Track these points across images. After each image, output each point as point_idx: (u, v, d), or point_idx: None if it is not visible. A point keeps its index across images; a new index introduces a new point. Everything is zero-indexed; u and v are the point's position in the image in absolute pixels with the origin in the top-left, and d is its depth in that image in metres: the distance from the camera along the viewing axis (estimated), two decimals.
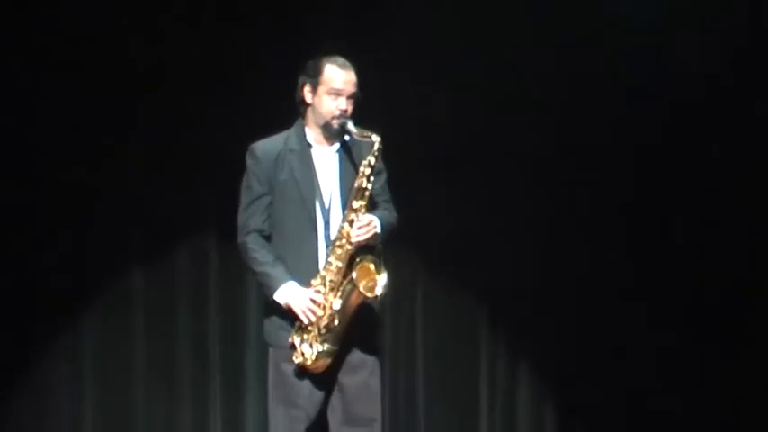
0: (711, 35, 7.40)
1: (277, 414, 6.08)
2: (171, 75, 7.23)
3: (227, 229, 6.23)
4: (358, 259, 5.95)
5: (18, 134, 7.11)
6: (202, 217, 7.20)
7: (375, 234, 5.96)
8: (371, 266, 6.01)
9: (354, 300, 5.91)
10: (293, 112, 6.04)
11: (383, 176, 6.13)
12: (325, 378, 6.02)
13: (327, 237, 5.98)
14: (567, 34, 7.42)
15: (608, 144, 7.55)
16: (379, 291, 5.96)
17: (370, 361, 6.09)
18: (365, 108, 6.19)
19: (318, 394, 5.99)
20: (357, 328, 6.02)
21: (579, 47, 7.42)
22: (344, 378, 6.05)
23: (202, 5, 7.25)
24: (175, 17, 7.27)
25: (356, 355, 6.06)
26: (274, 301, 5.95)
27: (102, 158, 7.19)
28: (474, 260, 7.40)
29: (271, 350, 6.08)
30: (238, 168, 6.04)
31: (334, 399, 6.04)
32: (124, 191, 7.16)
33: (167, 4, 7.25)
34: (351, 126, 5.94)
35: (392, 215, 6.16)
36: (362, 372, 6.06)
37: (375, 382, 6.12)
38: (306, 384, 6.00)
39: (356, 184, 5.96)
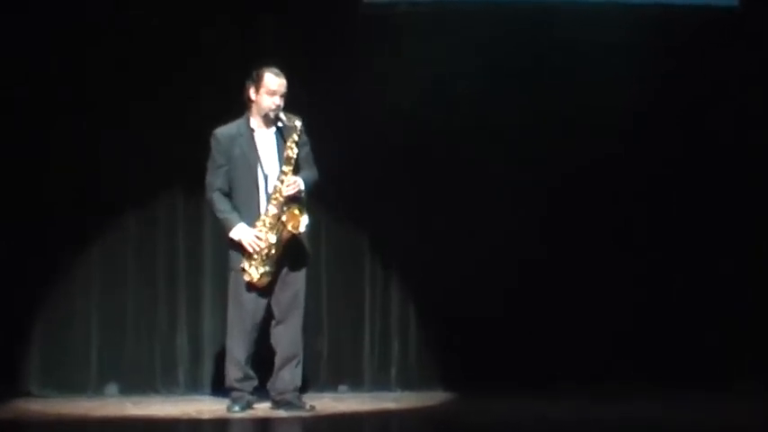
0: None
1: (233, 315, 7.31)
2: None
3: (194, 187, 7.60)
4: (286, 207, 7.16)
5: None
6: (174, 179, 8.22)
7: (299, 189, 7.18)
8: (296, 212, 7.17)
9: (285, 235, 7.15)
10: (243, 106, 7.30)
11: (307, 147, 7.25)
12: (266, 291, 7.26)
13: (267, 193, 7.18)
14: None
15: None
16: (302, 228, 7.19)
17: (299, 277, 7.33)
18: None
19: (262, 301, 7.24)
20: (289, 255, 7.24)
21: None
22: (279, 291, 7.26)
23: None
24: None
25: (289, 275, 7.29)
26: (230, 238, 7.17)
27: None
28: (363, 210, 8.45)
29: (232, 273, 7.27)
30: (205, 148, 7.34)
31: (273, 302, 7.25)
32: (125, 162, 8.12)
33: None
34: (282, 115, 7.19)
35: (314, 174, 7.27)
36: (293, 285, 7.31)
37: (301, 291, 7.33)
38: (253, 295, 7.23)
39: (285, 155, 7.16)
